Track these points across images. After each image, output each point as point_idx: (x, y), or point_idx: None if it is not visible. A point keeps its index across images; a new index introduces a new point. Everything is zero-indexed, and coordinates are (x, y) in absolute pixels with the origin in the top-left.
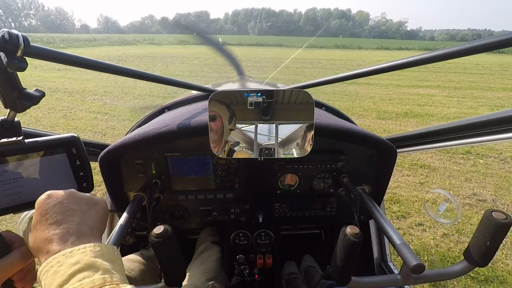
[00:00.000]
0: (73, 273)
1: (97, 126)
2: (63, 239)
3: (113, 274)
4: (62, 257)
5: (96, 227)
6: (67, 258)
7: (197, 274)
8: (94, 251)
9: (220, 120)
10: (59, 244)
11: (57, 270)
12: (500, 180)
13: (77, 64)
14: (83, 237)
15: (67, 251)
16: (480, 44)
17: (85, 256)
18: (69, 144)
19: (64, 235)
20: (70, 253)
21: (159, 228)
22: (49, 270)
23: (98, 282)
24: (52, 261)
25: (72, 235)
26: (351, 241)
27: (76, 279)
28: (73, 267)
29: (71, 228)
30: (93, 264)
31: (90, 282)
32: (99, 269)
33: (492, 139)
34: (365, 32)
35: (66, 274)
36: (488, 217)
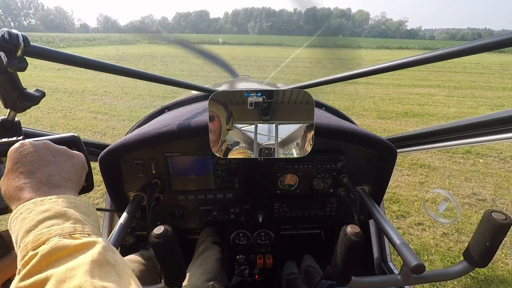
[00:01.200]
0: (41, 220)
1: (97, 126)
2: (34, 188)
3: (85, 224)
4: (32, 204)
5: (72, 179)
6: (37, 205)
7: (197, 274)
8: (67, 201)
9: (220, 120)
10: (30, 193)
11: (25, 217)
12: (500, 180)
13: (77, 64)
14: (57, 188)
15: (37, 199)
16: (480, 44)
17: (56, 205)
18: (70, 144)
19: (36, 185)
20: (41, 201)
21: (159, 228)
22: (18, 217)
23: (68, 230)
24: (21, 208)
25: (45, 184)
26: (352, 240)
27: (44, 225)
28: (42, 214)
29: (43, 178)
30: (64, 213)
31: (59, 229)
32: (70, 218)
33: (492, 139)
34: (365, 32)
35: (35, 220)
36: (488, 217)
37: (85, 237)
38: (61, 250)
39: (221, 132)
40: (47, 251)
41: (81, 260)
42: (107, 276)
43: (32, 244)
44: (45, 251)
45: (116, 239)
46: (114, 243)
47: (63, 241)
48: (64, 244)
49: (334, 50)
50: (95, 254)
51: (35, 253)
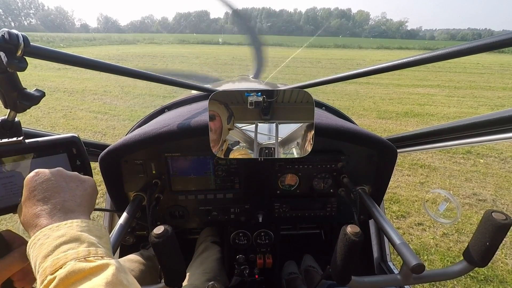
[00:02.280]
0: (58, 245)
1: (97, 126)
2: (50, 214)
3: (98, 247)
4: (48, 230)
5: (84, 204)
6: (54, 231)
7: (197, 274)
8: (80, 226)
9: (220, 120)
10: (46, 219)
11: (43, 243)
12: (500, 180)
13: (77, 64)
14: (71, 213)
15: (54, 225)
16: (480, 44)
17: (71, 230)
18: (70, 144)
19: (52, 211)
20: (57, 227)
21: (159, 228)
22: (36, 243)
23: (83, 254)
24: (39, 234)
25: (60, 210)
26: (352, 240)
27: (60, 250)
28: (59, 239)
29: (58, 204)
30: (79, 237)
31: (74, 253)
32: (84, 242)
33: (492, 139)
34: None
35: (52, 245)
36: (488, 217)
37: (99, 260)
38: (77, 274)
39: (221, 132)
40: (64, 275)
41: (96, 282)
42: None
43: (50, 269)
44: (62, 275)
45: (116, 239)
46: (114, 243)
47: (79, 264)
48: (80, 267)
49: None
50: (109, 276)
51: (53, 277)
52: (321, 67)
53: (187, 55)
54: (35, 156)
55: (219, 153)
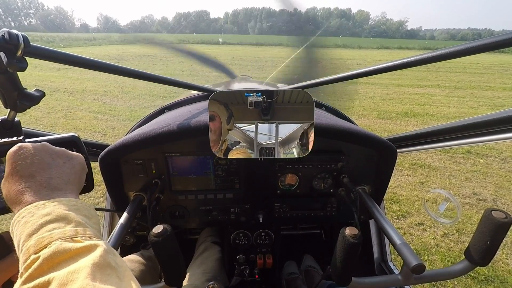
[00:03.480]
0: (43, 223)
1: (97, 126)
2: (35, 191)
3: (86, 227)
4: (33, 208)
5: (72, 182)
6: (39, 209)
7: (197, 274)
8: (68, 204)
9: (220, 120)
10: (31, 196)
11: (27, 220)
12: (501, 180)
13: (77, 64)
14: (58, 191)
15: (39, 203)
16: (480, 44)
17: (58, 208)
18: (70, 144)
19: (37, 188)
20: (43, 204)
21: (158, 227)
22: (20, 220)
23: (69, 233)
24: (23, 211)
25: (46, 188)
26: (350, 242)
27: (46, 229)
28: (44, 217)
29: (44, 181)
30: (66, 216)
31: (60, 233)
32: (72, 222)
33: (492, 139)
34: (365, 32)
35: (36, 224)
36: (488, 216)
37: (86, 240)
38: (63, 254)
39: (221, 132)
40: (49, 255)
41: (82, 263)
42: (108, 279)
43: (34, 248)
44: (47, 255)
45: (117, 239)
46: (115, 243)
47: (65, 244)
48: (66, 248)
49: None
50: (96, 257)
51: (37, 256)
52: (321, 67)
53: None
54: None
55: (219, 153)
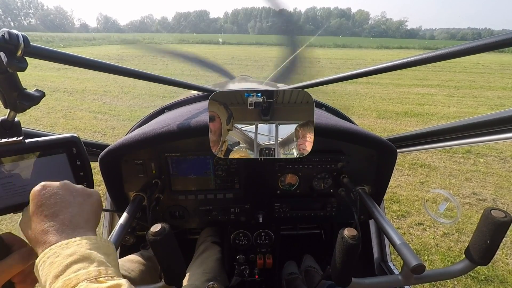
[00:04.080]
0: (68, 264)
1: (96, 126)
2: (59, 230)
3: (108, 266)
4: (58, 248)
5: (91, 219)
6: (63, 249)
7: (197, 274)
8: (89, 243)
9: (220, 120)
10: (55, 236)
11: (53, 261)
12: (500, 180)
13: (77, 64)
14: (79, 229)
15: (63, 242)
16: (480, 44)
17: (80, 248)
18: (69, 144)
19: (60, 227)
20: (66, 244)
21: (156, 226)
22: (46, 261)
23: (93, 274)
24: (48, 252)
25: (68, 227)
26: (349, 243)
27: (71, 270)
28: (69, 258)
29: (66, 220)
30: (89, 256)
31: (85, 274)
32: (94, 261)
33: (492, 139)
34: (365, 31)
35: (62, 265)
36: (488, 215)
37: (109, 280)
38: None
39: (221, 132)
40: None
41: None
42: None
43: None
44: None
45: (117, 239)
46: (115, 243)
47: (91, 285)
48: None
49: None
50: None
51: None
52: (321, 67)
53: (187, 54)
54: (35, 157)
55: (219, 153)
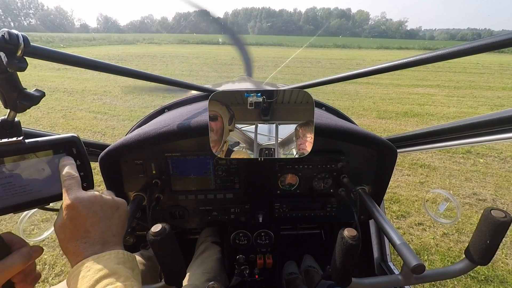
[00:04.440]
0: (98, 279)
1: (96, 126)
2: (90, 246)
3: (132, 281)
4: (89, 262)
5: (119, 232)
6: (94, 264)
7: (197, 274)
8: (117, 257)
9: (220, 120)
10: (87, 251)
11: (84, 275)
12: (500, 180)
13: (77, 64)
14: (108, 244)
15: (94, 257)
16: (480, 44)
17: (109, 263)
18: (70, 144)
19: (92, 243)
20: (97, 259)
21: (157, 226)
22: (78, 274)
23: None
24: (81, 265)
25: (98, 243)
26: (349, 244)
27: (100, 285)
28: (99, 273)
29: (97, 237)
30: (116, 271)
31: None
32: (121, 276)
33: (492, 139)
34: (365, 32)
35: (92, 279)
36: (487, 215)
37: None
38: None
39: (221, 132)
40: None
41: None
42: None
43: None
44: None
45: None
46: None
47: None
48: None
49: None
50: None
51: None
52: (321, 67)
53: (187, 55)
54: (35, 157)
55: (220, 153)
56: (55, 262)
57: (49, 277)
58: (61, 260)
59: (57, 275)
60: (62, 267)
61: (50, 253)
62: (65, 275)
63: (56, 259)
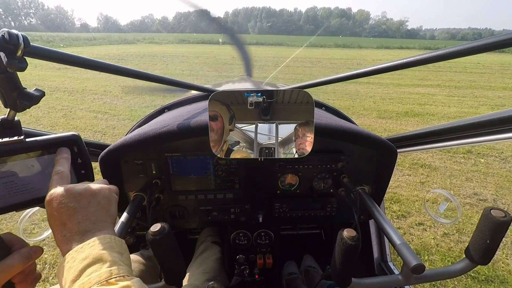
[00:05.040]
0: (83, 269)
1: (97, 126)
2: (70, 239)
3: (120, 265)
4: (74, 253)
5: (101, 219)
6: (79, 253)
7: (197, 274)
8: (103, 243)
9: (220, 120)
10: (67, 244)
11: (71, 266)
12: (501, 180)
13: (77, 64)
14: (88, 232)
15: (78, 247)
16: (481, 44)
17: (93, 250)
18: (70, 143)
19: (70, 235)
20: (81, 248)
21: (156, 226)
22: (65, 266)
23: (104, 276)
24: (67, 257)
25: (77, 233)
26: (348, 244)
27: (85, 274)
28: (83, 262)
29: (74, 228)
30: (101, 257)
31: (97, 277)
32: (106, 261)
33: (492, 139)
34: (365, 31)
35: (77, 269)
36: (487, 215)
37: (120, 281)
38: None
39: (221, 132)
40: None
41: None
42: None
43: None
44: None
45: None
46: None
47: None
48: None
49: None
50: None
51: None
52: (321, 67)
53: (187, 54)
54: (35, 155)
55: (220, 153)
56: (55, 262)
57: (49, 277)
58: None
59: None
60: None
61: (50, 253)
62: None
63: (56, 259)
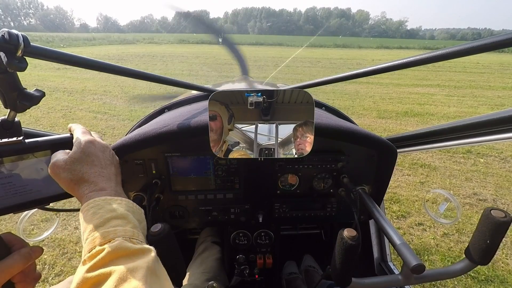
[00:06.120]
0: (109, 218)
1: (96, 126)
2: (97, 185)
3: (139, 232)
4: (102, 201)
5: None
6: (106, 204)
7: (197, 274)
8: (128, 205)
9: (220, 120)
10: (104, 183)
11: (96, 212)
12: (501, 180)
13: (77, 64)
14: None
15: (107, 198)
16: (480, 44)
17: (120, 207)
18: (70, 144)
19: (108, 178)
20: (110, 200)
21: (156, 226)
22: (89, 210)
23: (129, 234)
24: (93, 202)
25: (103, 186)
26: (349, 244)
27: (111, 224)
28: (110, 213)
29: (101, 180)
30: (126, 216)
31: (122, 231)
32: (130, 222)
33: (492, 139)
34: (365, 32)
35: (103, 217)
36: (487, 215)
37: (139, 244)
38: (124, 251)
39: (221, 132)
40: (112, 250)
41: (139, 264)
42: (153, 286)
43: (100, 240)
44: (110, 249)
45: None
46: None
47: (125, 243)
48: (126, 246)
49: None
50: (150, 261)
51: (102, 248)
52: (321, 67)
53: (187, 54)
54: (35, 157)
55: (219, 153)
56: (55, 262)
57: (49, 277)
58: (61, 260)
59: (57, 275)
60: (62, 267)
61: (50, 253)
62: (65, 275)
63: (56, 259)
